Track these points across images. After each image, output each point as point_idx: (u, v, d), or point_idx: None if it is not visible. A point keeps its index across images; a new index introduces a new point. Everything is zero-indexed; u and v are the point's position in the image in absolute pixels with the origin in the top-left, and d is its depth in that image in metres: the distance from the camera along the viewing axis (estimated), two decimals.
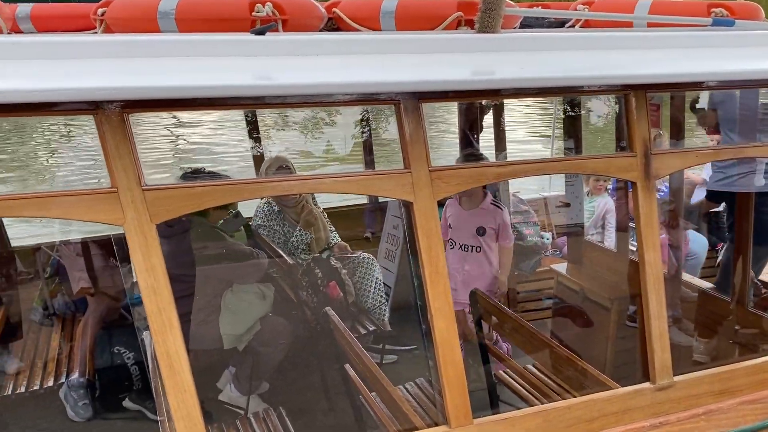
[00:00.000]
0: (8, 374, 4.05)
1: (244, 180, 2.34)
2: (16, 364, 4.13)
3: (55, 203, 2.11)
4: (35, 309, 4.75)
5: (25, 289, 4.84)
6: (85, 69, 2.20)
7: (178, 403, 2.16)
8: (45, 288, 4.76)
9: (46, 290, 4.75)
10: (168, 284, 2.11)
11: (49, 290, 4.75)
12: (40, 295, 4.74)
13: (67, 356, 4.26)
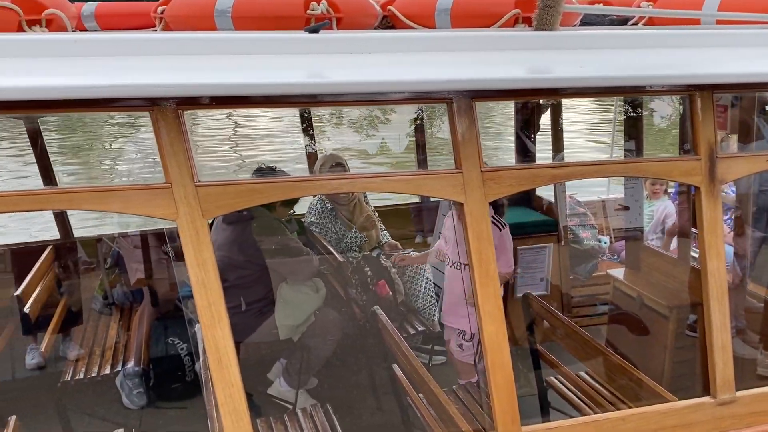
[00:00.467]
0: (69, 360, 4.21)
1: (294, 177, 2.35)
2: (76, 351, 4.28)
3: (113, 197, 2.17)
4: (96, 298, 4.91)
5: (87, 279, 5.02)
6: (143, 66, 2.25)
7: (225, 398, 2.18)
8: (105, 278, 4.92)
9: (106, 280, 4.90)
10: (218, 279, 2.13)
11: (108, 280, 4.90)
12: (100, 285, 4.90)
13: (124, 345, 4.39)
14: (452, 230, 4.04)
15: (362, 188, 3.34)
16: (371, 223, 4.88)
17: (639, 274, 4.56)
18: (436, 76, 2.30)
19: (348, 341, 4.18)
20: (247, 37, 2.47)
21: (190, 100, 2.16)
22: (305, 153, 5.73)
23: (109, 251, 4.98)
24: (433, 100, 2.44)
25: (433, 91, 2.36)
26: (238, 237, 4.00)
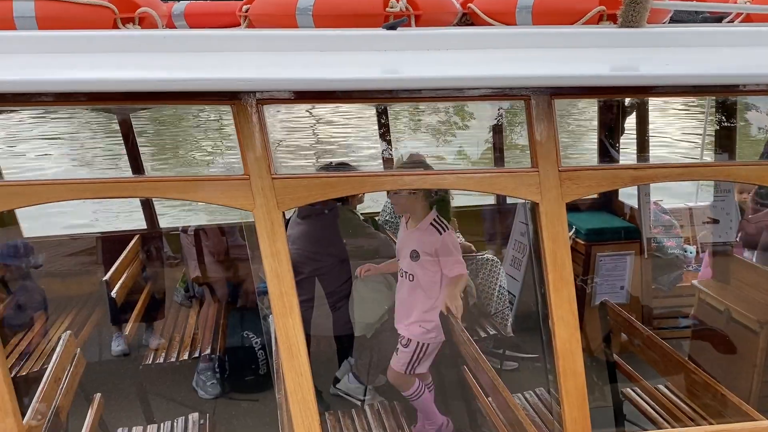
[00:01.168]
0: (150, 348, 4.40)
1: (366, 172, 2.37)
2: (157, 341, 4.46)
3: (195, 187, 2.25)
4: (177, 290, 5.07)
5: (170, 270, 5.23)
6: (226, 61, 2.32)
7: (294, 387, 2.22)
8: (188, 271, 5.04)
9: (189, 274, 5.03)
10: (290, 269, 2.17)
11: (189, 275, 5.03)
12: (182, 277, 5.07)
13: (201, 336, 4.55)
14: (400, 235, 3.93)
15: (433, 185, 3.32)
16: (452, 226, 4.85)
17: (727, 287, 4.31)
18: (513, 72, 2.26)
19: None
20: (326, 34, 2.51)
21: (270, 95, 2.22)
22: (381, 159, 5.76)
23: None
24: (511, 97, 2.40)
25: (510, 88, 2.32)
26: (311, 230, 4.07)
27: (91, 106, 3.47)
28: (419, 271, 3.72)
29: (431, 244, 3.68)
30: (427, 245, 3.68)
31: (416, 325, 3.73)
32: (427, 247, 3.68)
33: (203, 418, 3.46)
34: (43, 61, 2.21)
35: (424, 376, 3.82)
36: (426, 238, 3.69)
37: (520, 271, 5.23)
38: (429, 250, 3.68)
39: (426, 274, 3.71)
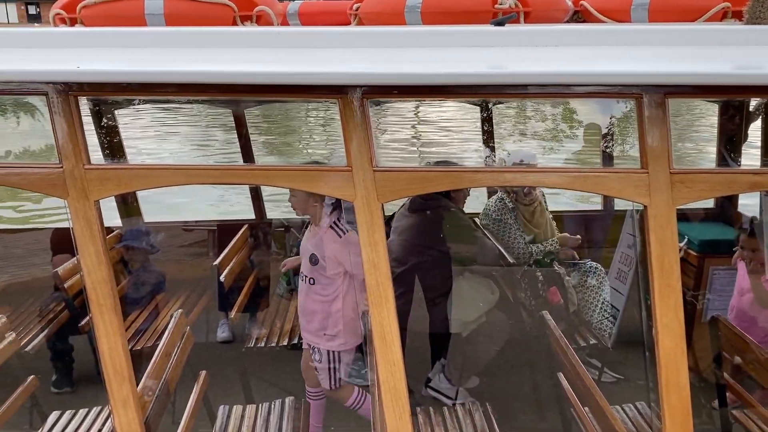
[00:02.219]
0: (251, 335, 4.61)
1: (465, 168, 2.36)
2: (258, 330, 4.65)
3: (301, 176, 2.35)
4: (280, 283, 5.24)
5: (275, 261, 5.43)
6: (335, 57, 2.40)
7: (386, 376, 2.26)
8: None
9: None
10: (387, 260, 2.21)
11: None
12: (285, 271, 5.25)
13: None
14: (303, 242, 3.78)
15: (535, 182, 3.27)
16: (550, 228, 4.74)
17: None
18: (626, 69, 2.18)
19: (513, 344, 4.11)
20: (433, 30, 2.54)
21: (376, 90, 2.27)
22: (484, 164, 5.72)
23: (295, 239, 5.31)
24: (622, 95, 2.31)
25: (621, 85, 2.24)
26: (419, 223, 4.11)
27: (210, 100, 3.68)
28: (317, 275, 3.65)
29: (330, 249, 3.58)
30: (326, 249, 3.58)
31: (320, 334, 3.68)
32: (325, 251, 3.59)
33: (298, 403, 3.58)
34: (170, 55, 2.38)
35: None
36: (324, 242, 3.59)
37: (626, 285, 4.99)
38: (328, 254, 3.58)
39: (324, 279, 3.62)
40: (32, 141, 14.77)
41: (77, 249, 2.33)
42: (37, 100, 2.43)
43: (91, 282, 2.35)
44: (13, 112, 16.86)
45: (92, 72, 2.05)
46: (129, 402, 2.43)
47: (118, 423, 2.46)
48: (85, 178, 2.25)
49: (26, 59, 2.33)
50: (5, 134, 15.98)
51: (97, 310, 2.38)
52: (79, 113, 2.23)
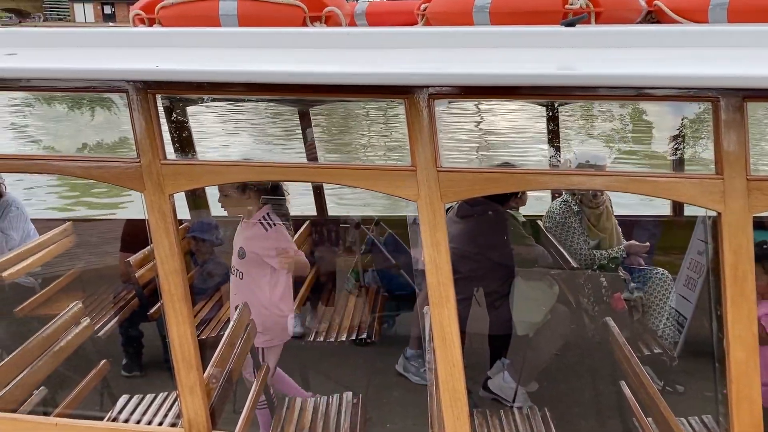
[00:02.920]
0: (310, 329, 4.69)
1: (530, 170, 2.32)
2: (317, 325, 4.72)
3: (365, 175, 2.37)
4: (348, 279, 5.25)
5: (337, 257, 5.49)
6: (402, 57, 2.42)
7: (445, 376, 2.26)
8: (360, 261, 5.25)
9: (360, 263, 5.22)
10: (449, 260, 2.22)
11: (362, 264, 5.21)
12: (354, 267, 5.25)
13: (360, 320, 4.75)
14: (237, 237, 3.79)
15: (603, 186, 3.20)
16: (616, 233, 4.63)
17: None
18: (702, 72, 2.11)
19: (575, 349, 4.04)
20: (500, 30, 2.52)
21: (442, 90, 2.27)
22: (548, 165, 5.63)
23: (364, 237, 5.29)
24: (697, 98, 2.24)
25: (697, 88, 2.17)
26: (469, 230, 4.09)
27: (278, 98, 3.76)
28: (245, 269, 3.70)
29: (254, 242, 3.65)
30: (251, 243, 3.66)
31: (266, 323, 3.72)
32: (253, 245, 3.66)
33: (356, 398, 3.63)
34: (242, 55, 2.45)
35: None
36: (253, 233, 3.66)
37: (695, 292, 4.81)
38: (254, 248, 3.66)
39: (252, 273, 3.66)
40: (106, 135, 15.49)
41: (152, 240, 2.43)
42: (116, 97, 2.54)
43: (163, 272, 2.45)
44: (89, 107, 17.69)
45: (171, 71, 2.13)
46: (196, 389, 2.52)
47: (185, 408, 2.56)
48: (161, 173, 2.34)
49: (108, 58, 2.45)
50: (83, 128, 16.76)
51: (169, 299, 2.47)
52: (157, 110, 2.33)
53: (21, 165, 2.58)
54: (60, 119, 18.05)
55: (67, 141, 16.50)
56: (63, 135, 16.98)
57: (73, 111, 17.89)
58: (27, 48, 2.57)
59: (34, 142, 16.63)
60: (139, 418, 3.53)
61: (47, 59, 2.37)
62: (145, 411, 3.63)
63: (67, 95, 15.26)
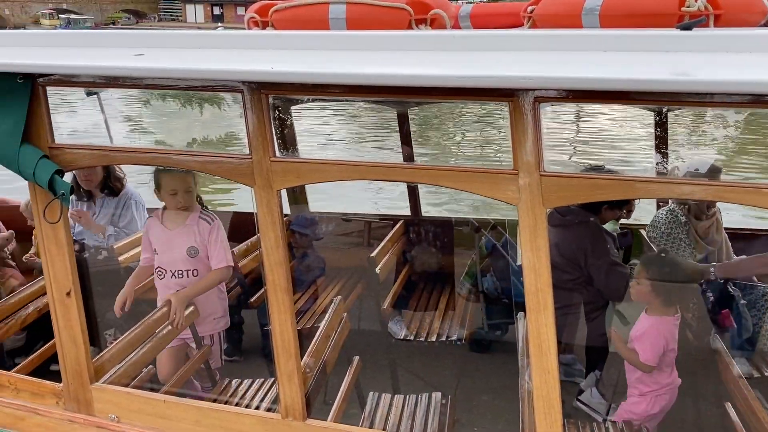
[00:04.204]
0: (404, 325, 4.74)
1: (638, 177, 2.25)
2: (407, 323, 4.76)
3: (466, 178, 2.38)
4: (463, 283, 5.08)
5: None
6: (506, 60, 2.40)
7: (540, 383, 2.24)
8: (476, 265, 4.99)
9: (477, 267, 4.96)
10: (549, 266, 2.19)
11: (479, 267, 4.92)
12: (468, 271, 5.08)
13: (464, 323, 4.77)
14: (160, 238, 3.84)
15: (716, 197, 3.03)
16: (726, 247, 4.38)
17: None
18: None
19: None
20: (610, 33, 2.45)
21: (548, 94, 2.25)
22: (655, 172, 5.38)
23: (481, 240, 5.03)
24: None
25: None
26: (560, 240, 3.99)
27: (378, 99, 3.83)
28: (201, 266, 3.83)
29: (202, 236, 3.80)
30: (199, 238, 3.80)
31: (209, 320, 3.97)
32: (199, 240, 3.80)
33: (445, 399, 3.64)
34: (350, 57, 2.52)
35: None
36: (197, 230, 3.80)
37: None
38: (201, 243, 3.81)
39: (206, 267, 3.83)
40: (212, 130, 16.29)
41: (259, 232, 2.56)
42: (227, 96, 2.68)
43: (268, 264, 2.56)
44: (198, 104, 18.64)
45: (284, 73, 2.23)
46: (293, 376, 2.63)
47: (282, 395, 2.67)
48: (270, 170, 2.46)
49: (225, 59, 2.59)
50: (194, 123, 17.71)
51: (272, 290, 2.59)
52: (269, 110, 2.45)
53: (145, 158, 2.78)
54: (172, 114, 19.18)
55: (178, 134, 17.52)
56: (175, 129, 18.03)
57: (185, 107, 18.95)
58: (152, 49, 2.76)
59: (148, 133, 17.77)
60: (237, 400, 3.71)
61: (171, 59, 2.54)
62: (243, 394, 3.81)
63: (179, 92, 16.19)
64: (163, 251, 3.87)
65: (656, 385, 3.45)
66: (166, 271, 3.87)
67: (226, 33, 2.84)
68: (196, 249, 3.85)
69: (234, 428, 2.75)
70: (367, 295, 5.21)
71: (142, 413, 2.88)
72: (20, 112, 2.62)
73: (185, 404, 2.86)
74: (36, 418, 2.99)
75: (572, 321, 3.99)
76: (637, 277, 3.57)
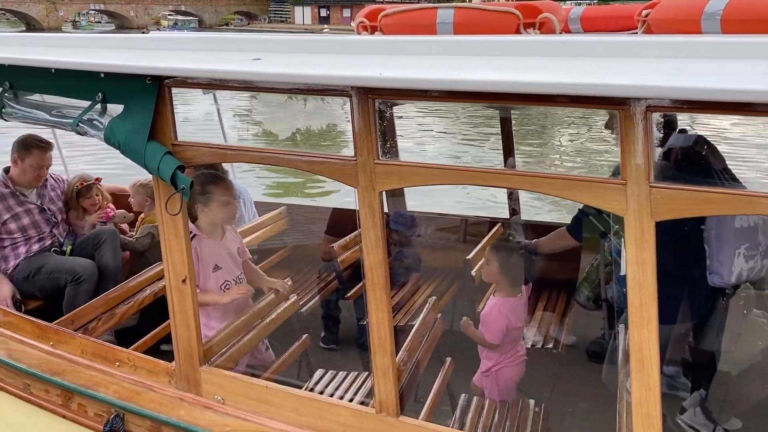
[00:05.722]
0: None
1: (765, 193, 2.11)
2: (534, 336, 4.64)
3: (570, 186, 2.35)
4: (580, 290, 4.89)
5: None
6: (617, 67, 2.35)
7: (640, 399, 2.19)
8: (596, 273, 4.78)
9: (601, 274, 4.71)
10: (655, 280, 2.13)
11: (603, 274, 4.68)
12: (587, 278, 4.86)
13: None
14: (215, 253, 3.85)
15: None
16: None
17: None
18: None
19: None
20: (733, 41, 2.33)
21: (661, 103, 2.18)
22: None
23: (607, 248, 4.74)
24: None
25: None
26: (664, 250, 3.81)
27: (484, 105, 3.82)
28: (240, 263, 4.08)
29: (238, 237, 4.16)
30: (238, 240, 4.15)
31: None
32: (238, 241, 4.13)
33: (538, 407, 3.60)
34: (457, 63, 2.54)
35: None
36: (235, 234, 4.13)
37: None
38: (239, 244, 4.14)
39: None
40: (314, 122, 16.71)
41: (361, 231, 2.64)
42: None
43: (368, 262, 2.64)
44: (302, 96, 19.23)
45: (392, 79, 2.29)
46: (388, 372, 2.69)
47: (377, 390, 2.75)
48: (374, 171, 2.53)
49: (334, 64, 2.68)
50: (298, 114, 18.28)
51: (371, 287, 2.67)
52: (375, 114, 2.52)
53: (257, 157, 2.94)
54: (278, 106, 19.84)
55: (283, 125, 18.17)
56: (280, 119, 18.70)
57: (290, 99, 19.64)
58: (268, 53, 2.90)
59: (256, 124, 18.53)
60: (332, 392, 3.84)
61: (285, 64, 2.67)
62: (338, 386, 3.93)
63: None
64: (225, 264, 3.87)
65: (502, 359, 3.93)
66: (231, 282, 3.89)
67: (337, 38, 2.93)
68: (240, 249, 4.12)
69: (330, 419, 2.86)
70: (461, 297, 5.23)
71: (246, 397, 3.04)
72: (148, 111, 2.84)
73: (286, 392, 2.99)
74: (150, 394, 3.23)
75: (679, 335, 3.82)
76: (488, 259, 4.06)
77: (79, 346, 3.56)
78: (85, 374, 3.41)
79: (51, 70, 3.06)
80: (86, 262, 4.76)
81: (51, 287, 4.70)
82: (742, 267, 3.61)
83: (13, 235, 4.78)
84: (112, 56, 3.05)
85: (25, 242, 4.82)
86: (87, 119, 2.98)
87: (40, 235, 4.87)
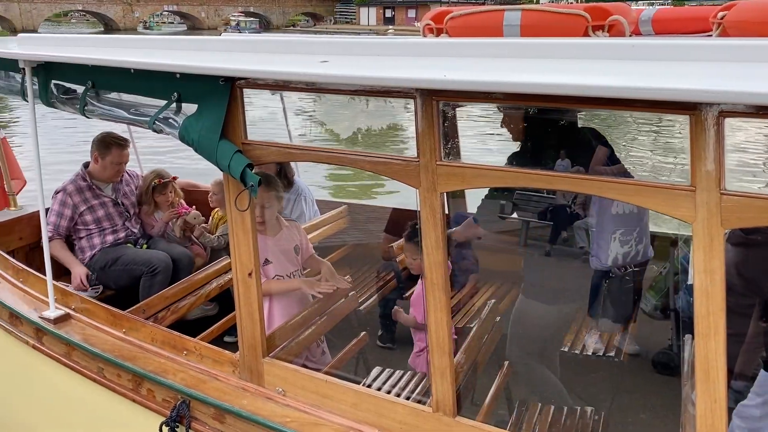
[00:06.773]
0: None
1: None
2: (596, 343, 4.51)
3: (635, 191, 2.31)
4: (647, 298, 4.79)
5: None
6: (690, 71, 2.29)
7: (705, 411, 2.13)
8: (664, 281, 4.68)
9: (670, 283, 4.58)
10: (723, 290, 2.07)
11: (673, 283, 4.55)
12: (655, 286, 4.77)
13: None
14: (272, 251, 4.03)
15: None
16: None
17: None
18: None
19: None
20: None
21: (735, 108, 2.11)
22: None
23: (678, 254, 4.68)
24: None
25: None
26: (740, 259, 3.68)
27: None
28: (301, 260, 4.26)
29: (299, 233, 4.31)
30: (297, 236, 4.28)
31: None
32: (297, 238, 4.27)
33: (597, 415, 3.54)
34: (523, 65, 2.54)
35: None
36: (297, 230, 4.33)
37: None
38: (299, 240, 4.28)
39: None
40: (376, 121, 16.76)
41: (421, 232, 2.67)
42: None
43: (428, 263, 2.67)
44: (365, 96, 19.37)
45: (457, 81, 2.30)
46: (446, 373, 2.71)
47: (434, 390, 2.77)
48: (436, 172, 2.55)
49: (399, 66, 2.72)
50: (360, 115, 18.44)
51: (430, 288, 2.69)
52: (438, 115, 2.54)
53: (323, 156, 3.00)
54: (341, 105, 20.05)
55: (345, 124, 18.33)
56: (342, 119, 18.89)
57: (353, 99, 19.80)
58: (335, 56, 2.96)
59: (319, 124, 18.79)
60: (389, 389, 3.88)
61: (352, 67, 2.72)
62: (394, 385, 3.97)
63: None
64: (276, 259, 4.07)
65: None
66: (283, 277, 4.09)
67: (402, 41, 2.96)
68: (298, 246, 4.23)
69: (387, 416, 2.90)
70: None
71: (306, 390, 3.12)
72: (220, 110, 2.95)
73: (345, 386, 3.05)
74: (215, 382, 3.35)
75: (748, 349, 3.67)
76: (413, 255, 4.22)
77: (149, 334, 3.73)
78: (155, 361, 3.57)
79: (130, 70, 3.22)
80: (162, 255, 5.00)
81: (127, 278, 4.94)
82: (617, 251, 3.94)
83: (89, 226, 5.05)
84: (186, 57, 3.18)
85: (99, 233, 5.08)
86: (163, 117, 3.13)
87: (113, 227, 5.13)
